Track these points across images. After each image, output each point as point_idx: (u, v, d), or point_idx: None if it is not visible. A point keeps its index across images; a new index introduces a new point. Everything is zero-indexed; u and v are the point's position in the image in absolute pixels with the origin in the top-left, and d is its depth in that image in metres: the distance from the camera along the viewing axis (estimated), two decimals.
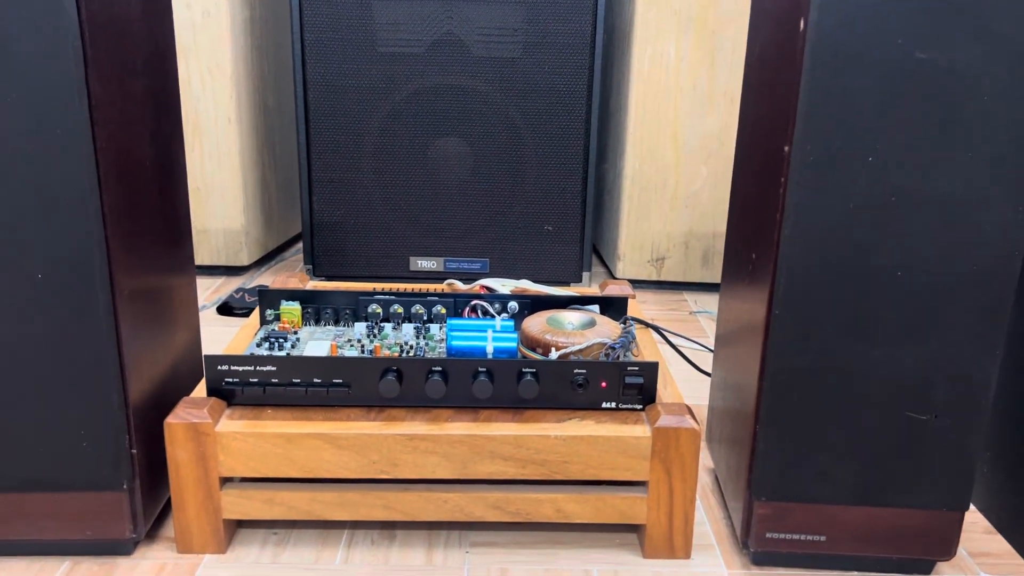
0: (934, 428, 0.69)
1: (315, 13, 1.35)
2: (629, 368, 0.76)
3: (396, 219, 1.46)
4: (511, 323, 0.86)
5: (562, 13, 1.36)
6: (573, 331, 0.85)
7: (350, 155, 1.42)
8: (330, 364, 0.76)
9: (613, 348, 0.82)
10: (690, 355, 1.22)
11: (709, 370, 1.16)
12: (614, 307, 0.94)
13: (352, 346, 0.86)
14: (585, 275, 1.50)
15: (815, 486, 0.71)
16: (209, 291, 1.46)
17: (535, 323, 0.86)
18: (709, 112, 1.42)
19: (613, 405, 0.78)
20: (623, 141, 1.46)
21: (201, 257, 1.51)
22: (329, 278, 1.49)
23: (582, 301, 0.94)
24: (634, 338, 0.86)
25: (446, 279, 1.50)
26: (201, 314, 1.35)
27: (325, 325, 0.92)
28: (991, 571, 0.76)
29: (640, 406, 0.78)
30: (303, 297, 0.92)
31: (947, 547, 0.73)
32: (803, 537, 0.73)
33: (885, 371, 0.68)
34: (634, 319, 0.95)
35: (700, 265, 1.50)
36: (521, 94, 1.39)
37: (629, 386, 0.77)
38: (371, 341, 0.87)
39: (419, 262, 1.49)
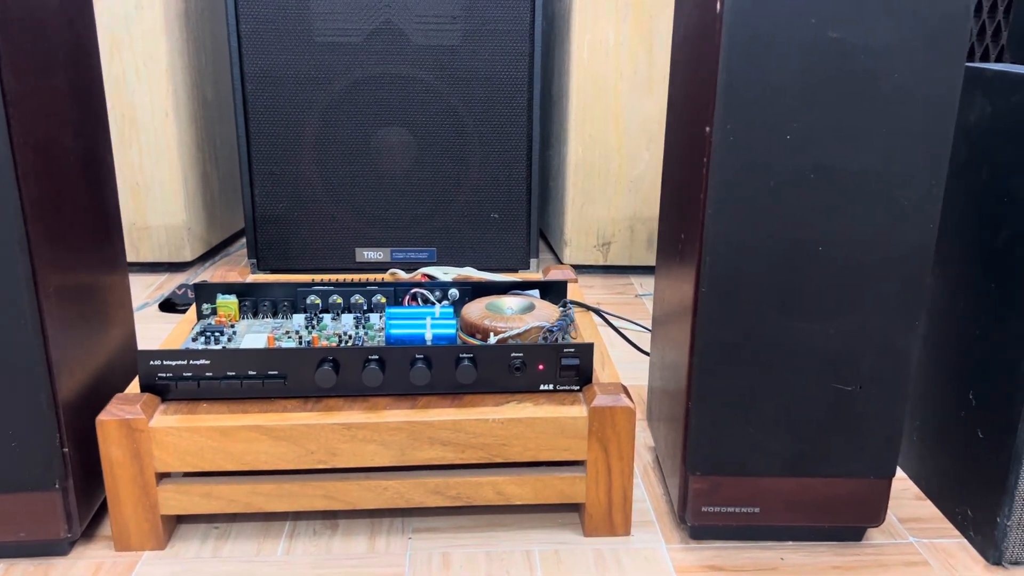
0: (860, 399, 0.71)
1: (251, 4, 1.33)
2: (565, 350, 0.77)
3: (340, 210, 1.45)
4: (451, 310, 0.86)
5: (501, 0, 1.36)
6: (512, 316, 0.85)
7: (291, 147, 1.41)
8: (265, 356, 0.75)
9: (551, 331, 0.83)
10: (632, 337, 1.23)
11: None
12: (553, 291, 0.95)
13: (290, 338, 0.85)
14: (533, 262, 1.50)
15: (747, 459, 0.73)
16: (151, 288, 1.44)
17: (474, 309, 0.87)
18: (649, 96, 1.43)
19: (551, 387, 0.78)
20: (566, 127, 1.47)
21: (143, 254, 1.48)
22: (274, 271, 1.47)
23: (522, 286, 0.95)
24: (572, 320, 0.87)
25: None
26: (143, 312, 1.33)
27: (263, 318, 0.91)
28: (920, 536, 0.79)
29: (577, 387, 0.78)
30: (240, 290, 0.91)
31: (876, 513, 0.75)
32: (737, 510, 0.75)
33: (812, 345, 0.69)
34: (574, 302, 0.96)
35: (645, 249, 1.52)
36: (462, 82, 1.39)
37: (566, 368, 0.78)
38: (309, 332, 0.87)
39: (365, 253, 1.48)
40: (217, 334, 0.84)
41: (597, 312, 1.00)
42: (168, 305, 1.33)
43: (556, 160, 1.57)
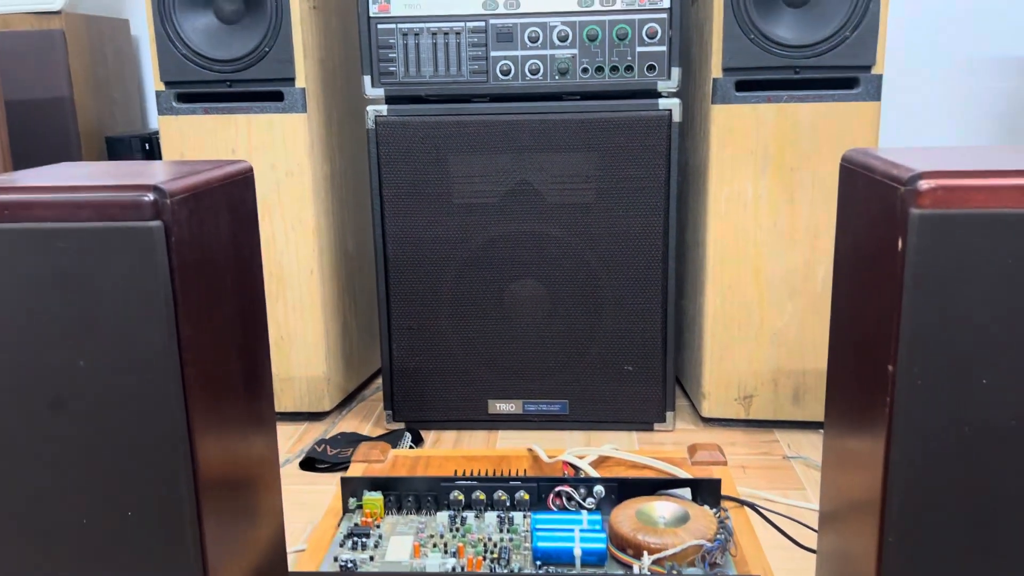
0: None
1: (393, 170, 1.38)
2: None
3: (474, 363, 1.45)
4: (598, 517, 0.83)
5: (635, 157, 1.35)
6: (665, 528, 0.81)
7: (428, 302, 1.43)
8: None
9: (710, 551, 0.78)
10: (789, 525, 1.15)
11: (812, 541, 1.09)
12: (705, 489, 0.90)
13: (435, 546, 0.83)
14: (669, 415, 1.45)
15: None
16: (291, 441, 1.47)
17: (624, 519, 0.83)
18: (792, 248, 1.38)
19: None
20: (703, 278, 1.43)
21: (284, 404, 1.53)
22: (408, 422, 1.48)
23: (672, 484, 0.90)
24: (731, 533, 0.81)
25: (525, 422, 1.48)
26: (284, 468, 1.36)
27: (407, 514, 0.90)
28: None
29: None
30: (384, 484, 0.91)
31: None
32: None
33: None
34: (727, 497, 0.91)
35: (791, 403, 1.44)
36: (596, 237, 1.39)
37: None
38: (454, 537, 0.85)
39: (498, 405, 1.47)
40: (363, 539, 0.84)
41: (752, 507, 0.94)
42: (308, 463, 1.35)
43: (692, 310, 1.53)
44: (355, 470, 1.00)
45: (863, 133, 1.35)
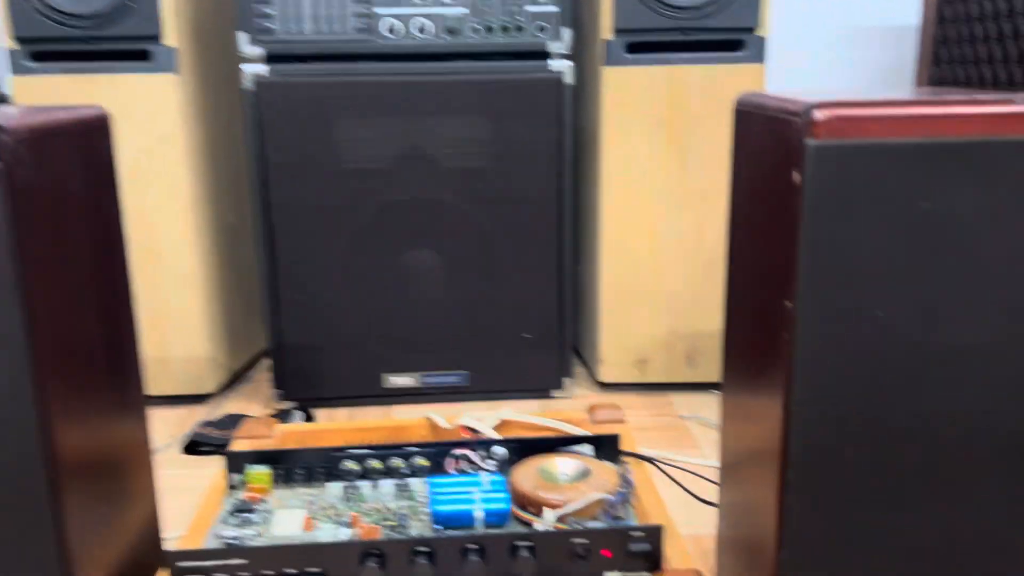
0: None
1: (276, 135, 1.31)
2: (633, 533, 0.70)
3: (367, 336, 1.40)
4: (500, 478, 0.80)
5: (528, 121, 1.33)
6: (567, 485, 0.79)
7: (317, 274, 1.37)
8: (304, 552, 0.69)
9: (612, 505, 0.76)
10: (689, 481, 1.16)
11: (711, 495, 1.10)
12: (605, 445, 0.88)
13: (327, 515, 0.79)
14: (567, 381, 1.44)
15: None
16: (173, 425, 1.38)
17: (525, 477, 0.80)
18: (684, 211, 1.39)
19: (617, 574, 0.71)
20: (598, 243, 1.43)
21: (163, 387, 1.43)
22: (299, 401, 1.42)
23: (572, 442, 0.89)
24: (632, 486, 0.80)
25: (423, 395, 1.44)
26: (166, 453, 1.27)
27: (296, 487, 0.85)
28: None
29: (648, 574, 0.71)
30: (272, 457, 0.86)
31: None
32: None
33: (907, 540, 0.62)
34: (628, 454, 0.90)
35: (685, 365, 1.45)
36: (491, 202, 1.36)
37: (635, 554, 0.71)
38: (348, 507, 0.80)
39: (393, 379, 1.42)
40: (249, 515, 0.78)
41: (651, 462, 0.93)
42: (192, 447, 1.27)
43: (588, 276, 1.52)
44: (239, 447, 0.93)
45: None
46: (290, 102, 1.30)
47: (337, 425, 1.04)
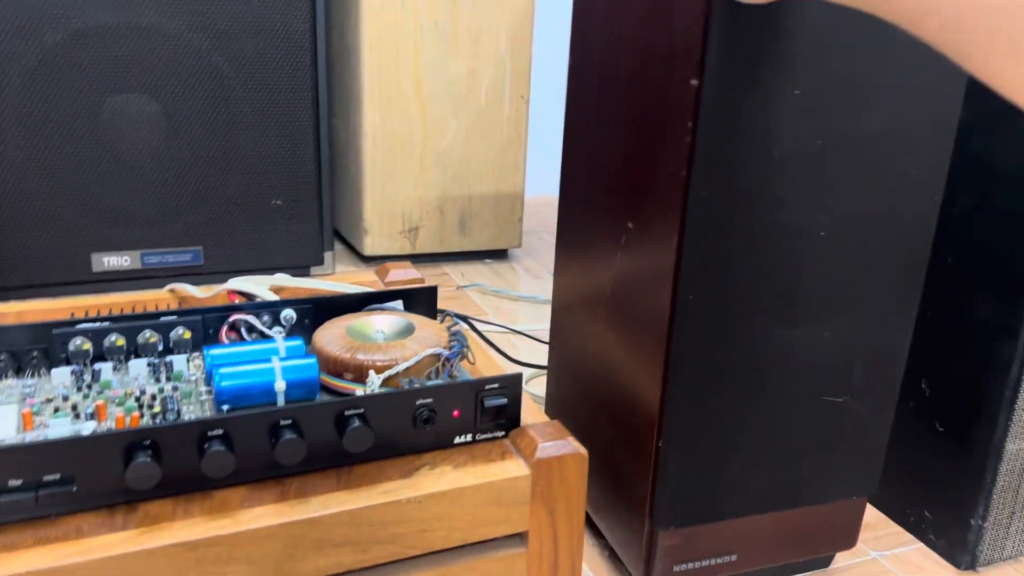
0: (848, 412, 0.59)
1: None
2: (487, 388, 0.57)
3: (65, 206, 1.09)
4: (299, 343, 0.62)
5: None
6: (389, 343, 0.63)
7: None
8: (35, 453, 0.47)
9: (450, 359, 0.62)
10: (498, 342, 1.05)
11: (518, 354, 1.00)
12: (420, 300, 0.74)
13: (57, 410, 0.56)
14: (327, 255, 1.26)
15: (728, 502, 0.59)
16: None
17: (332, 339, 0.63)
18: (455, 55, 1.24)
19: (469, 438, 0.58)
20: (358, 92, 1.23)
21: None
22: None
23: (381, 298, 0.72)
24: (466, 342, 0.67)
25: (145, 279, 1.17)
26: None
27: (3, 378, 0.60)
28: (877, 547, 0.70)
29: (503, 433, 0.59)
30: None
31: (851, 535, 0.65)
32: (715, 561, 0.60)
33: (803, 355, 0.56)
34: (444, 312, 0.76)
35: (458, 232, 1.33)
36: (225, 34, 1.10)
37: (490, 410, 0.58)
38: (85, 397, 0.58)
39: (106, 259, 1.14)
40: None
41: (466, 320, 0.80)
42: None
43: (346, 132, 1.32)
44: None
45: None
46: None
47: (44, 305, 0.77)
